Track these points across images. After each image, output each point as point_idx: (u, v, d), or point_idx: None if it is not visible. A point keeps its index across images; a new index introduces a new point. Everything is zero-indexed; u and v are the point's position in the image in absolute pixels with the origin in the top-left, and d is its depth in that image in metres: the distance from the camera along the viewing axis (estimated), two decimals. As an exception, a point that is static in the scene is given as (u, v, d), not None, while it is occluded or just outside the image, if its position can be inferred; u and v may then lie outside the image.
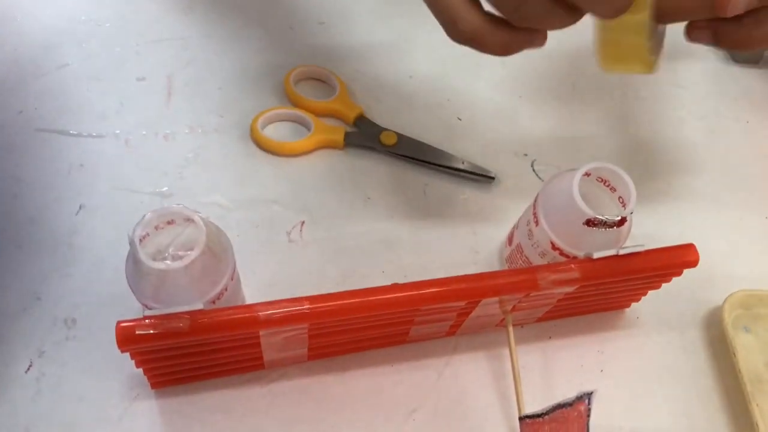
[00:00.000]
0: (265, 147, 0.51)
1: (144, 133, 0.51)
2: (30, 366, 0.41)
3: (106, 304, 0.43)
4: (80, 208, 0.47)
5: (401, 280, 0.46)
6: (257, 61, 0.56)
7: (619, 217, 0.37)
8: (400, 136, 0.51)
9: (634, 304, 0.46)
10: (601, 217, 0.37)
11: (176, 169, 0.49)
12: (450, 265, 0.47)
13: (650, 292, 0.45)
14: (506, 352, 0.44)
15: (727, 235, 0.51)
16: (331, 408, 0.41)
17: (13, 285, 0.43)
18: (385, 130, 0.52)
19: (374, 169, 0.51)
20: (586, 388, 0.44)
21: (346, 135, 0.51)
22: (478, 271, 0.46)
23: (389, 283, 0.45)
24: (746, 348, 0.45)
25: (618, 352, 0.45)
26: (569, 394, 0.43)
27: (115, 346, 0.41)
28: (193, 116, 0.52)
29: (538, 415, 0.37)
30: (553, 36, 0.64)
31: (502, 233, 0.48)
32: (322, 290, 0.45)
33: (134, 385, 0.40)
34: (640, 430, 0.42)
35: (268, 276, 0.46)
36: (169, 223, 0.35)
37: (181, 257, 0.33)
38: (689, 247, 0.39)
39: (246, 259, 0.46)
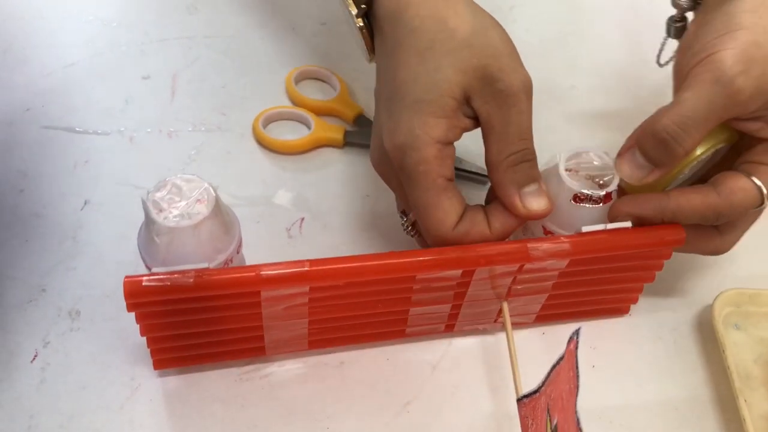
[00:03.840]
0: (266, 145, 0.52)
1: (148, 130, 0.52)
2: (35, 356, 0.42)
3: (109, 297, 0.44)
4: (85, 203, 0.48)
5: (398, 276, 0.47)
6: (260, 61, 0.57)
7: (605, 192, 0.39)
8: None
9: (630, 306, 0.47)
10: (587, 191, 0.39)
11: (179, 165, 0.50)
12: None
13: (644, 289, 0.46)
14: (501, 345, 0.45)
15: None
16: (327, 400, 0.42)
17: (19, 277, 0.44)
18: None
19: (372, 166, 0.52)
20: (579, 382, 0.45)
21: (346, 134, 0.52)
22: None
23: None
24: (736, 345, 0.46)
25: (610, 348, 0.46)
26: (561, 388, 0.44)
27: (117, 336, 0.43)
28: (196, 114, 0.53)
29: (534, 392, 0.37)
30: (551, 35, 0.64)
31: (498, 231, 0.49)
32: (320, 285, 0.46)
33: (136, 375, 0.41)
34: (631, 423, 0.43)
35: (268, 271, 0.47)
36: (176, 200, 0.37)
37: (190, 216, 0.35)
38: (676, 227, 0.40)
39: (246, 255, 0.47)
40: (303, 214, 0.49)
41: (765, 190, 0.39)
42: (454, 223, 0.38)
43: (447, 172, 0.38)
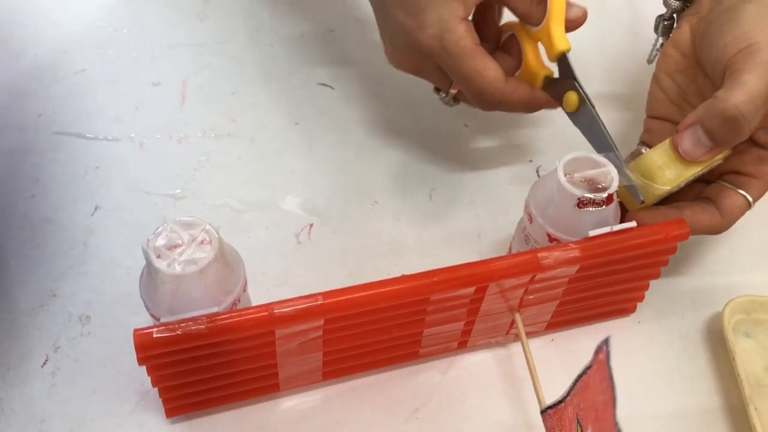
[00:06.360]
0: None
1: (158, 136, 0.52)
2: (46, 360, 0.42)
3: (120, 302, 0.44)
4: (96, 209, 0.48)
5: (407, 282, 0.47)
6: (269, 67, 0.57)
7: (607, 194, 0.39)
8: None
9: (637, 305, 0.47)
10: (590, 195, 0.39)
11: (189, 171, 0.51)
12: (455, 267, 0.48)
13: (652, 295, 0.46)
14: (511, 353, 0.45)
15: (729, 241, 0.51)
16: (335, 405, 0.42)
17: (30, 282, 0.45)
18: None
19: (380, 173, 0.52)
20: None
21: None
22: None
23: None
24: (746, 352, 0.45)
25: (619, 355, 0.45)
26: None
27: (127, 341, 0.42)
28: (206, 120, 0.53)
29: (559, 402, 0.36)
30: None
31: (506, 236, 0.49)
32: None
33: (145, 380, 0.41)
34: (640, 431, 0.43)
35: (278, 277, 0.47)
36: (178, 246, 0.35)
37: (195, 262, 0.34)
38: (680, 222, 0.41)
39: (256, 260, 0.47)
40: (312, 219, 0.50)
41: (752, 201, 0.43)
42: (503, 77, 0.44)
43: (477, 39, 0.44)
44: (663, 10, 0.47)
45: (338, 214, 0.50)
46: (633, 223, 0.40)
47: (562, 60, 0.46)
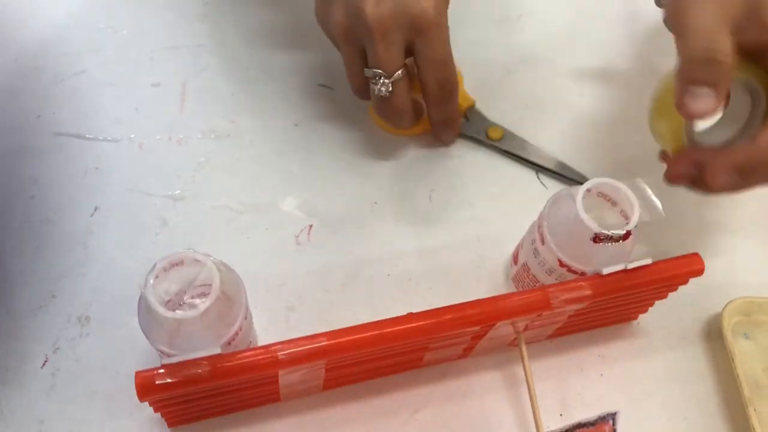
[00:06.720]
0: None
1: (158, 137, 0.52)
2: (45, 361, 0.42)
3: (119, 303, 0.44)
4: (95, 209, 0.48)
5: (406, 284, 0.47)
6: (268, 68, 0.57)
7: (625, 231, 0.38)
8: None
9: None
10: (607, 232, 0.38)
11: (189, 172, 0.51)
12: (454, 268, 0.48)
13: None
14: (511, 354, 0.45)
15: (728, 242, 0.51)
16: (335, 407, 0.42)
17: (30, 283, 0.45)
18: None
19: (380, 174, 0.52)
20: (587, 392, 0.45)
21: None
22: (482, 275, 0.48)
23: (394, 287, 0.47)
24: (745, 354, 0.45)
25: (618, 357, 0.46)
26: (568, 399, 0.44)
27: (127, 342, 0.43)
28: (205, 121, 0.53)
29: None
30: (558, 43, 0.64)
31: (505, 238, 0.49)
32: (329, 292, 0.47)
33: (145, 381, 0.42)
34: (639, 433, 0.43)
35: (277, 278, 0.47)
36: (178, 264, 0.34)
37: (195, 305, 0.33)
38: (694, 257, 0.40)
39: (255, 261, 0.47)
40: (311, 220, 0.50)
41: None
42: None
43: None
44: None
45: (338, 215, 0.50)
46: (648, 260, 0.39)
47: (470, 111, 0.54)
